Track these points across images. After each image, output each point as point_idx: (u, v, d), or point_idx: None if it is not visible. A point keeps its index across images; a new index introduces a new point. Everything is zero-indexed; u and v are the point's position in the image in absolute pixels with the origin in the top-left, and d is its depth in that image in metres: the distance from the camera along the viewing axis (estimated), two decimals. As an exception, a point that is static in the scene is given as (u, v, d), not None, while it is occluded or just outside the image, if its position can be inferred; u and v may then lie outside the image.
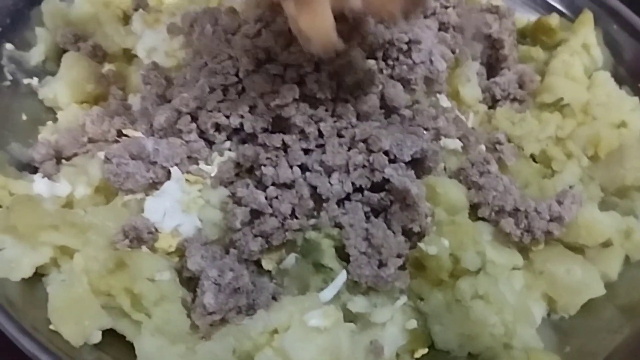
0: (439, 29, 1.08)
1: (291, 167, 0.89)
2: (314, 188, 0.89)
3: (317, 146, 0.92)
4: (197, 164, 0.96)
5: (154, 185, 0.94)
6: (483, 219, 0.97)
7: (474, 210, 0.97)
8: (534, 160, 1.06)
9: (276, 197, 0.88)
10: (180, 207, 0.92)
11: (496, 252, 0.94)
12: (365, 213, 0.91)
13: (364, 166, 0.89)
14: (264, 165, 0.89)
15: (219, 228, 0.92)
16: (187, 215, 0.92)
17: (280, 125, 0.93)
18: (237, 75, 0.95)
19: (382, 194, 0.90)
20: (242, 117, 0.92)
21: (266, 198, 0.88)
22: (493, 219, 0.96)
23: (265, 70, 0.93)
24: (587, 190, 1.02)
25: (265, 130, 0.93)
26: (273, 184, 0.89)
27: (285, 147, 0.91)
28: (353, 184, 0.89)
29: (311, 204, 0.89)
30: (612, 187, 1.04)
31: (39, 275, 0.86)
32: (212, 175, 0.95)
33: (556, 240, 0.96)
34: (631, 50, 1.23)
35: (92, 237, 0.85)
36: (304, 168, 0.90)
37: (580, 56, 1.20)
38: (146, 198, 0.93)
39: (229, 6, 1.05)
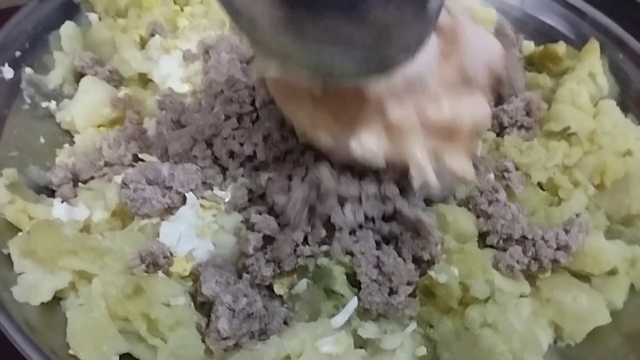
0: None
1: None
2: (326, 216, 0.91)
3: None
4: (212, 189, 0.99)
5: (170, 210, 0.96)
6: (491, 246, 0.99)
7: (482, 238, 1.00)
8: (541, 188, 1.07)
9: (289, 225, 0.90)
10: (195, 232, 0.95)
11: (504, 279, 0.96)
12: (376, 241, 0.93)
13: (375, 197, 0.91)
14: (276, 194, 0.91)
15: (232, 253, 0.93)
16: (202, 240, 0.94)
17: (293, 154, 0.95)
18: (252, 104, 0.97)
19: (393, 223, 0.92)
20: (255, 145, 0.94)
21: (279, 225, 0.90)
22: (501, 246, 0.98)
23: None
24: (594, 218, 1.03)
25: (277, 159, 0.95)
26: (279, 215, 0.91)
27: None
28: (365, 214, 0.91)
29: (324, 232, 0.90)
30: (618, 215, 1.05)
31: (57, 298, 0.87)
32: (226, 200, 0.97)
33: (563, 268, 0.99)
34: (636, 79, 1.24)
35: (109, 261, 0.87)
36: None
37: (586, 84, 1.22)
38: (162, 222, 0.95)
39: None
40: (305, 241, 0.91)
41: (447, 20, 0.89)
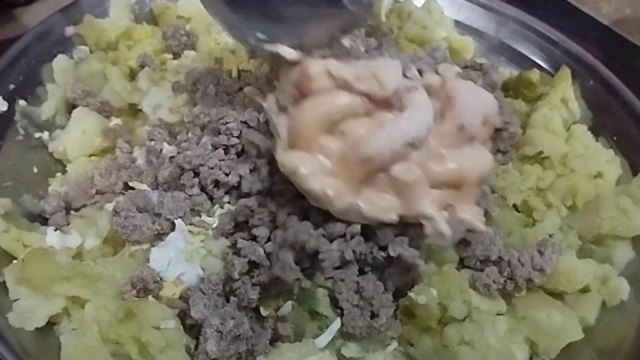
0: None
1: (286, 228, 0.94)
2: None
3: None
4: (200, 215, 1.03)
5: (159, 236, 1.00)
6: (469, 267, 1.03)
7: (460, 260, 1.04)
8: (517, 210, 1.11)
9: (273, 254, 0.93)
10: (184, 257, 0.99)
11: (481, 298, 0.99)
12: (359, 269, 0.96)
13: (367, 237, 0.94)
14: (257, 227, 0.95)
15: (220, 276, 0.96)
16: (190, 265, 0.98)
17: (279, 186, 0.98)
18: (239, 137, 1.01)
19: (378, 255, 0.94)
20: (240, 177, 0.98)
21: (265, 252, 0.94)
22: (478, 267, 1.02)
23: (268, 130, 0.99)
24: (566, 238, 1.08)
25: (260, 192, 0.98)
26: (269, 240, 0.95)
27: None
28: (354, 251, 0.93)
29: (307, 263, 0.93)
30: (589, 235, 1.08)
31: (50, 323, 0.90)
32: (214, 226, 1.01)
33: (537, 286, 1.02)
34: (607, 104, 1.28)
35: (101, 287, 0.90)
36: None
37: (559, 110, 1.26)
38: (152, 248, 0.99)
39: (228, 68, 1.11)
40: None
41: (438, 82, 0.95)
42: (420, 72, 0.97)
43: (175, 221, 0.99)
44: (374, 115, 0.88)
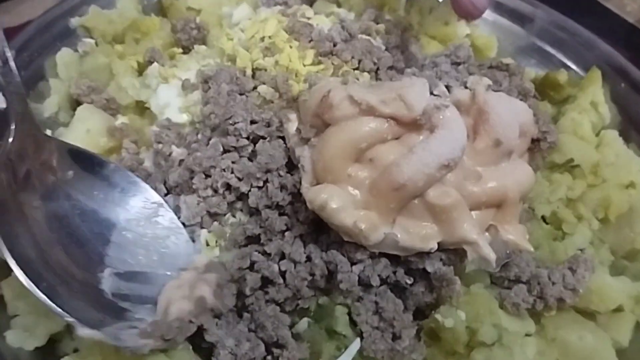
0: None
1: (305, 245, 0.89)
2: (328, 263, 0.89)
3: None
4: (217, 220, 0.97)
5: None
6: (495, 283, 0.97)
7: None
8: (545, 222, 1.06)
9: (289, 271, 0.88)
10: None
11: (509, 318, 0.93)
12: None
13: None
14: (268, 243, 0.90)
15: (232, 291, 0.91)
16: None
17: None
18: (248, 138, 0.95)
19: (399, 272, 0.90)
20: (251, 185, 0.92)
21: (279, 269, 0.88)
22: (506, 285, 0.96)
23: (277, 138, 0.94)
24: (598, 253, 1.02)
25: (269, 207, 0.93)
26: (284, 257, 0.89)
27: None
28: (380, 276, 0.88)
29: (323, 283, 0.89)
30: (622, 250, 1.03)
31: (51, 342, 0.85)
32: (227, 236, 0.95)
33: (568, 306, 0.96)
34: (638, 108, 1.23)
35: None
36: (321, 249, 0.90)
37: (588, 114, 1.19)
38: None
39: (242, 66, 1.05)
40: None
41: (468, 97, 0.90)
42: (447, 87, 0.93)
43: (200, 232, 0.95)
44: (403, 138, 0.85)
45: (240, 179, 0.94)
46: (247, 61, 1.06)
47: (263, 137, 0.96)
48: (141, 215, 0.92)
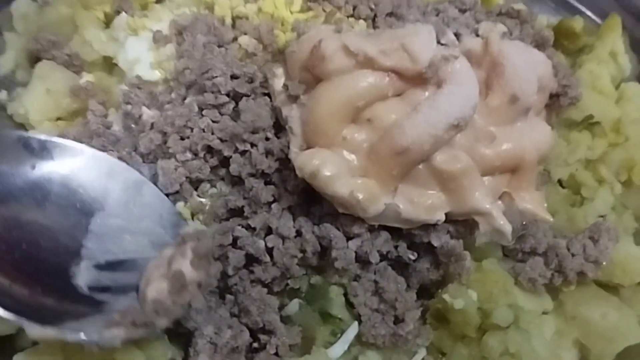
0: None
1: (295, 218, 0.79)
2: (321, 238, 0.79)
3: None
4: (197, 188, 0.86)
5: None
6: (507, 256, 0.87)
7: (498, 247, 0.88)
8: (562, 186, 0.98)
9: (276, 248, 0.78)
10: None
11: (524, 295, 0.85)
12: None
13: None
14: (253, 216, 0.80)
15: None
16: None
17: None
18: (228, 95, 0.84)
19: (401, 247, 0.80)
20: (235, 149, 0.81)
21: (266, 245, 0.78)
22: (520, 258, 0.87)
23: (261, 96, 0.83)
24: (621, 220, 0.95)
25: (253, 175, 0.82)
26: (271, 231, 0.79)
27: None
28: (380, 252, 0.79)
29: (315, 260, 0.79)
30: None
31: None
32: (207, 209, 0.84)
33: (589, 280, 0.87)
34: None
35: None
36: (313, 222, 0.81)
37: (607, 65, 1.08)
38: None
39: (221, 15, 0.92)
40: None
41: (481, 46, 0.81)
42: (457, 35, 0.83)
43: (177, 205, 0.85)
44: (407, 95, 0.76)
45: (222, 141, 0.83)
46: (226, 9, 0.93)
47: (246, 95, 0.85)
48: (122, 198, 0.81)
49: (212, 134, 0.82)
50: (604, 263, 0.85)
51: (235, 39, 0.91)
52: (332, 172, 0.73)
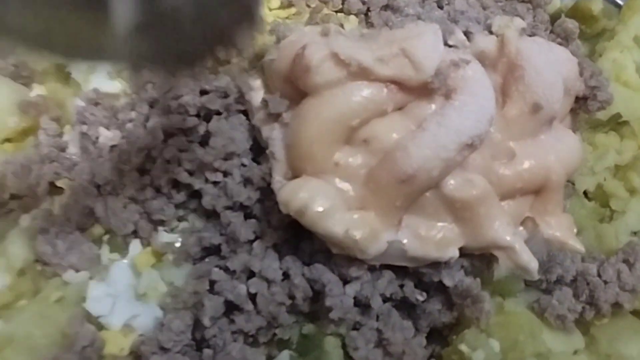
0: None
1: (281, 258, 0.68)
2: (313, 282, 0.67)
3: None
4: (159, 227, 0.74)
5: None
6: (529, 285, 0.76)
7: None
8: (588, 198, 0.87)
9: (260, 294, 0.67)
10: (134, 294, 0.72)
11: (552, 333, 0.74)
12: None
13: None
14: (231, 256, 0.69)
15: (186, 322, 0.69)
16: (144, 305, 0.72)
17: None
18: (199, 116, 0.71)
19: (408, 287, 0.69)
20: (206, 180, 0.69)
21: (248, 291, 0.67)
22: (544, 287, 0.76)
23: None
24: None
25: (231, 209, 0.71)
26: (254, 274, 0.68)
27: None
28: (382, 296, 0.69)
29: (307, 307, 0.68)
30: None
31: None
32: (177, 247, 0.72)
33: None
34: None
35: (11, 356, 0.62)
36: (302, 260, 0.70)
37: (631, 52, 0.97)
38: (89, 283, 0.70)
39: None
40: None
41: (495, 46, 0.72)
42: (467, 35, 0.73)
43: (132, 242, 0.73)
44: (410, 109, 0.66)
45: (190, 173, 0.70)
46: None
47: (218, 113, 0.72)
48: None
49: (179, 165, 0.70)
50: None
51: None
52: (323, 207, 0.63)
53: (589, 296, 0.75)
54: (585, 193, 0.86)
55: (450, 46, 0.70)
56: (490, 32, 0.74)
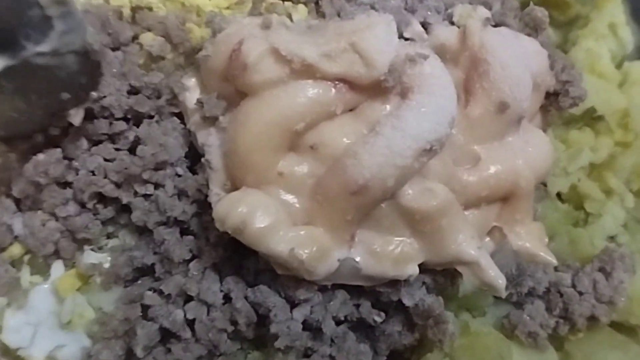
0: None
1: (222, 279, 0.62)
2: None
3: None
4: (84, 246, 0.66)
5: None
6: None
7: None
8: (562, 201, 0.82)
9: (198, 320, 0.60)
10: (58, 322, 0.66)
11: (522, 351, 0.70)
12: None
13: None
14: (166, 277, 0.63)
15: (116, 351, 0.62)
16: (70, 334, 0.66)
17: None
18: (126, 119, 0.64)
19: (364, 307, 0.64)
20: (135, 193, 0.61)
21: (185, 316, 0.61)
22: (515, 300, 0.72)
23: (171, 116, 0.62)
24: (635, 240, 0.81)
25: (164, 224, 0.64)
26: (192, 298, 0.61)
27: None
28: (336, 318, 0.63)
29: (252, 332, 0.62)
30: None
31: None
32: (105, 268, 0.65)
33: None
34: None
35: None
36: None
37: (606, 40, 0.94)
38: (6, 310, 0.65)
39: (117, 5, 0.70)
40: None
41: (457, 38, 0.66)
42: (425, 26, 0.67)
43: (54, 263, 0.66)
44: (362, 110, 0.60)
45: (118, 185, 0.63)
46: (123, -4, 0.71)
47: (149, 116, 0.64)
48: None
49: (105, 177, 0.62)
50: (619, 303, 0.72)
51: (135, 38, 0.69)
52: (265, 223, 0.57)
53: (562, 309, 0.72)
54: (558, 195, 0.82)
55: (406, 39, 0.64)
56: (452, 23, 0.67)
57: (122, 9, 0.73)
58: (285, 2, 0.73)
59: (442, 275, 0.63)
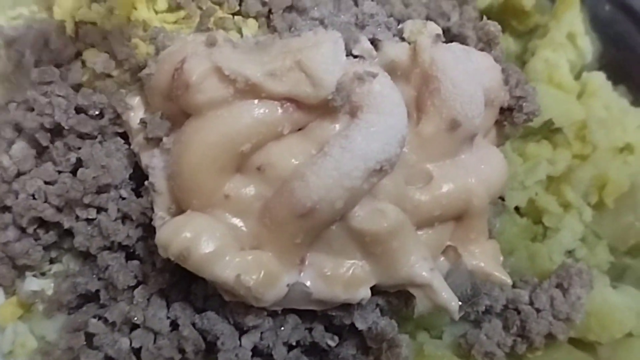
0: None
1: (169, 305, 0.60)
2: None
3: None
4: (26, 273, 0.63)
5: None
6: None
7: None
8: (520, 215, 0.81)
9: (144, 348, 0.57)
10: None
11: None
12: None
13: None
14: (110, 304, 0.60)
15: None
16: None
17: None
18: (58, 133, 0.63)
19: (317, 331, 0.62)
20: (76, 217, 0.59)
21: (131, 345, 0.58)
22: (472, 319, 0.71)
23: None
24: (593, 254, 0.79)
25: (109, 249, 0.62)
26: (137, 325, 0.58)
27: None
28: (287, 344, 0.61)
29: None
30: (624, 245, 0.81)
31: None
32: (48, 295, 0.62)
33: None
34: (627, 37, 0.98)
35: None
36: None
37: (565, 50, 0.93)
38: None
39: (60, 20, 0.67)
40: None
41: (407, 55, 0.64)
42: (375, 42, 0.64)
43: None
44: (310, 130, 0.58)
45: (59, 209, 0.60)
46: (66, 10, 0.68)
47: (92, 137, 0.62)
48: None
49: (45, 201, 0.59)
50: (577, 320, 0.71)
51: (78, 54, 0.67)
52: (209, 248, 0.55)
53: (520, 327, 0.71)
54: (517, 209, 0.81)
55: (355, 56, 0.61)
56: (403, 39, 0.65)
57: (66, 24, 0.70)
58: (235, 17, 0.71)
59: (396, 296, 0.62)
